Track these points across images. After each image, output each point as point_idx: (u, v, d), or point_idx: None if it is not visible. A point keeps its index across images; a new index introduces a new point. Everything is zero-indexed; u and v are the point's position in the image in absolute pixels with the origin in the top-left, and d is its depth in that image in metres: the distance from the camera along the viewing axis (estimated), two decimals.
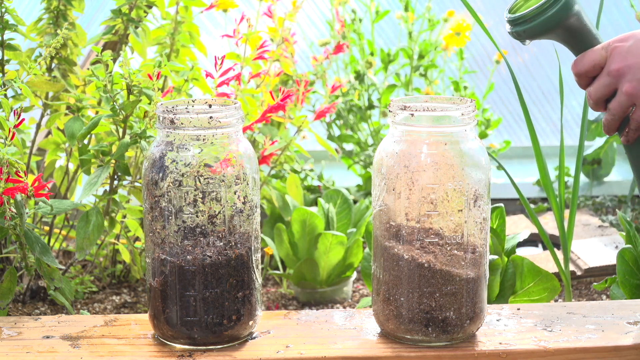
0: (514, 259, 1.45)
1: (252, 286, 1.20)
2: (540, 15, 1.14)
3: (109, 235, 1.65)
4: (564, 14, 1.14)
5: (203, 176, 1.15)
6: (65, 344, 1.20)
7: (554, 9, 1.14)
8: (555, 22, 1.14)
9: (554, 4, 1.14)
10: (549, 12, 1.14)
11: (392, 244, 1.17)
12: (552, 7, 1.14)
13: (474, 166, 1.16)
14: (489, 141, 2.65)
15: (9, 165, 1.28)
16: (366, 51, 2.49)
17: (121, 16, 1.67)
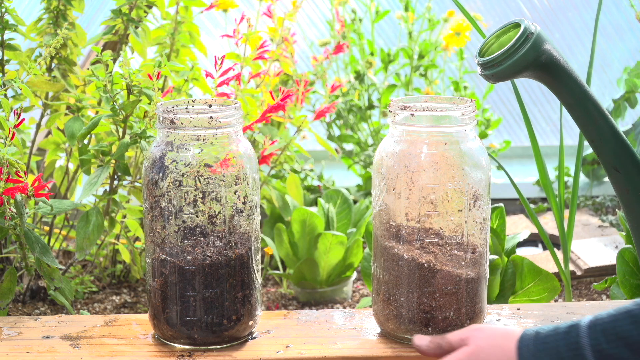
0: (514, 259, 1.45)
1: (252, 286, 1.20)
2: (508, 58, 1.11)
3: (109, 235, 1.65)
4: (532, 54, 1.11)
5: (203, 176, 1.15)
6: (65, 344, 1.20)
7: (521, 51, 1.11)
8: (524, 63, 1.11)
9: (521, 46, 1.11)
10: (516, 54, 1.11)
11: (392, 244, 1.17)
12: (520, 49, 1.11)
13: (474, 166, 1.16)
14: (489, 141, 2.65)
15: (9, 165, 1.28)
16: (366, 51, 2.49)
17: (121, 16, 1.67)
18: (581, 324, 0.99)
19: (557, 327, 1.01)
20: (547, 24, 2.77)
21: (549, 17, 2.79)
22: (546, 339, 1.01)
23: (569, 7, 2.79)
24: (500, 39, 1.16)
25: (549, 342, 1.00)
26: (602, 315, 0.99)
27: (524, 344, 1.02)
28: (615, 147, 1.16)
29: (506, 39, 1.14)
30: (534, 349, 1.01)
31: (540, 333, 1.02)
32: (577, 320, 1.01)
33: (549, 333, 1.01)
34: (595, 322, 0.98)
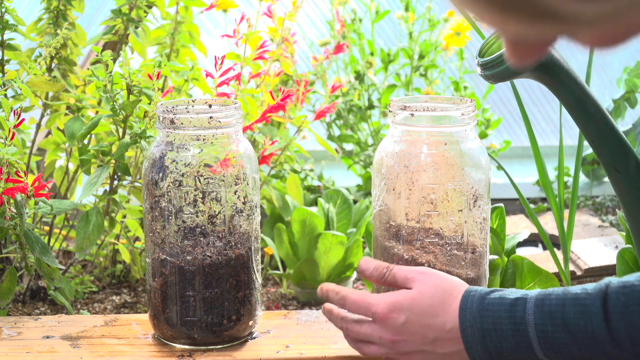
0: (514, 259, 1.45)
1: (252, 286, 1.20)
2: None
3: (109, 235, 1.65)
4: None
5: (203, 176, 1.15)
6: (65, 344, 1.20)
7: None
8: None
9: None
10: None
11: (392, 244, 1.17)
12: None
13: (474, 166, 1.16)
14: (489, 141, 2.65)
15: (9, 165, 1.28)
16: (366, 51, 2.49)
17: (121, 16, 1.67)
18: (528, 299, 0.97)
19: (503, 295, 0.99)
20: None
21: None
22: (491, 306, 0.98)
23: None
24: (500, 39, 1.16)
25: (493, 311, 0.98)
26: (549, 295, 0.97)
27: (467, 305, 1.00)
28: (615, 147, 1.16)
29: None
30: (477, 313, 0.99)
31: (485, 298, 0.99)
32: (524, 293, 0.98)
33: (495, 300, 0.99)
34: (543, 302, 0.97)
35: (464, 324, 1.00)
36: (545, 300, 0.97)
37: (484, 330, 0.99)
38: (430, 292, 1.03)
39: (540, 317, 0.96)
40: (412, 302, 1.03)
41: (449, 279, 1.05)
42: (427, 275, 1.05)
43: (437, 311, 1.02)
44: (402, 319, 1.03)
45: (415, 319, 1.02)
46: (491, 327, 0.98)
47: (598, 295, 0.95)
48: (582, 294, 0.96)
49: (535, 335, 0.96)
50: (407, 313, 1.03)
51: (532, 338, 0.97)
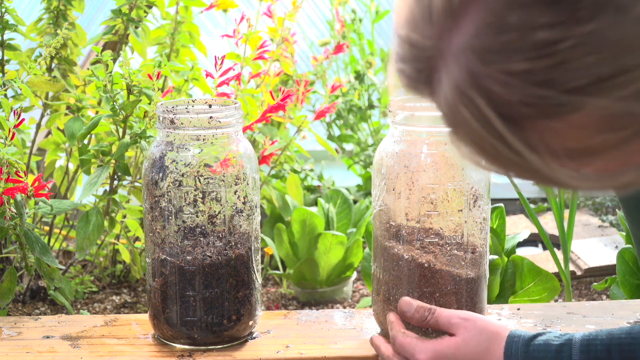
0: (514, 259, 1.45)
1: (252, 286, 1.20)
2: None
3: (109, 235, 1.65)
4: None
5: (203, 176, 1.15)
6: (65, 344, 1.20)
7: None
8: None
9: None
10: None
11: (392, 244, 1.17)
12: None
13: (474, 166, 1.16)
14: None
15: (9, 165, 1.28)
16: (366, 51, 2.48)
17: (121, 16, 1.66)
18: (573, 344, 0.97)
19: (548, 340, 0.99)
20: None
21: None
22: (536, 353, 0.98)
23: None
24: None
25: (539, 358, 0.98)
26: (594, 340, 0.97)
27: (512, 352, 1.00)
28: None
29: None
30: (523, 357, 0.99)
31: (530, 344, 0.99)
32: (568, 337, 0.98)
33: (540, 347, 0.99)
34: (588, 348, 0.97)
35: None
36: (591, 345, 0.97)
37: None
38: (474, 340, 1.03)
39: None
40: (456, 350, 1.03)
41: (492, 323, 1.05)
42: (471, 321, 1.06)
43: (482, 357, 1.02)
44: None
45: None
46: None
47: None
48: (627, 338, 0.96)
49: None
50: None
51: None
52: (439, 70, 0.60)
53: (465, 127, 0.61)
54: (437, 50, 0.60)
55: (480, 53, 0.57)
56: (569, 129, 0.58)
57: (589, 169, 0.60)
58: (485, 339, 1.03)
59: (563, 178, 0.61)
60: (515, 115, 0.58)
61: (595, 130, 0.57)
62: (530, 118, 0.58)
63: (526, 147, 0.59)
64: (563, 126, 0.58)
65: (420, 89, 0.64)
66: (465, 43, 0.58)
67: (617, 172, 0.61)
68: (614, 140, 0.58)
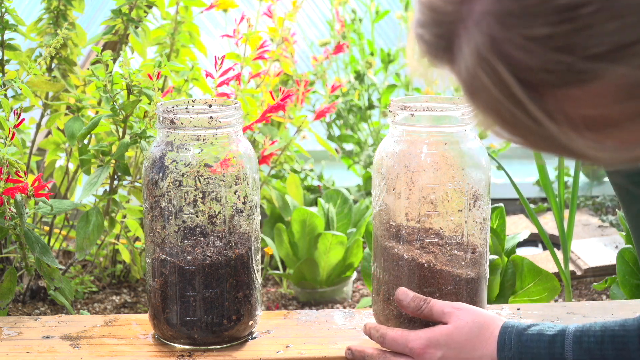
0: (514, 259, 1.45)
1: (252, 286, 1.20)
2: None
3: (109, 235, 1.65)
4: None
5: (203, 176, 1.15)
6: (65, 344, 1.20)
7: None
8: None
9: None
10: None
11: (392, 244, 1.17)
12: None
13: (474, 166, 1.16)
14: (489, 141, 2.65)
15: (9, 165, 1.28)
16: (366, 51, 2.48)
17: (121, 16, 1.66)
18: (566, 334, 0.98)
19: (542, 330, 0.99)
20: None
21: None
22: (529, 342, 0.99)
23: None
24: None
25: (532, 347, 0.99)
26: (587, 332, 0.97)
27: (505, 341, 1.00)
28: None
29: None
30: (516, 349, 0.99)
31: (523, 334, 1.00)
32: (561, 328, 0.99)
33: (533, 337, 0.99)
34: (581, 338, 0.97)
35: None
36: (584, 336, 0.97)
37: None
38: (467, 327, 1.04)
39: (579, 353, 0.97)
40: (448, 337, 1.04)
41: (484, 313, 1.06)
42: (463, 310, 1.06)
43: (474, 346, 1.02)
44: (438, 354, 1.04)
45: (451, 354, 1.03)
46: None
47: (636, 332, 0.96)
48: (620, 330, 0.96)
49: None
50: (444, 349, 1.04)
51: None
52: (460, 36, 0.60)
53: (484, 94, 0.61)
54: (458, 14, 0.60)
55: (501, 17, 0.57)
56: (588, 98, 0.57)
57: (607, 140, 0.60)
58: (478, 327, 1.04)
59: (580, 148, 0.60)
60: (535, 82, 0.58)
61: (614, 100, 0.57)
62: (549, 85, 0.58)
63: (545, 115, 0.59)
64: (582, 94, 0.57)
65: (439, 56, 0.64)
66: (486, 7, 0.58)
67: (636, 145, 0.60)
68: (633, 111, 0.58)
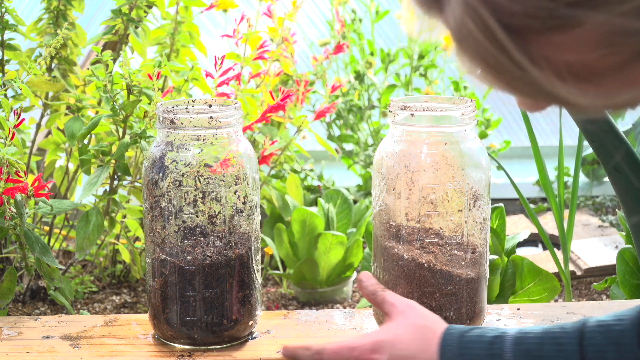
0: (514, 259, 1.45)
1: (252, 286, 1.20)
2: None
3: (109, 235, 1.65)
4: None
5: (203, 176, 1.15)
6: (65, 344, 1.20)
7: None
8: None
9: None
10: None
11: (392, 244, 1.17)
12: None
13: (474, 166, 1.16)
14: (489, 141, 2.65)
15: (9, 165, 1.28)
16: (366, 51, 2.49)
17: (121, 16, 1.67)
18: (506, 337, 0.99)
19: (483, 333, 1.00)
20: None
21: None
22: (470, 344, 1.00)
23: None
24: None
25: (472, 348, 1.00)
26: (528, 334, 0.98)
27: (447, 343, 1.01)
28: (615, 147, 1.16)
29: None
30: (457, 351, 1.00)
31: (465, 336, 1.01)
32: (502, 330, 1.00)
33: (474, 339, 1.00)
34: (521, 340, 0.98)
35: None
36: (524, 338, 0.99)
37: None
38: (410, 329, 1.05)
39: (518, 355, 0.97)
40: (393, 341, 1.05)
41: (430, 316, 1.07)
42: (411, 311, 1.07)
43: (419, 349, 1.03)
44: (384, 358, 1.04)
45: (397, 357, 1.04)
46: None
47: (575, 334, 0.97)
48: (560, 332, 0.98)
49: None
50: (389, 352, 1.04)
51: None
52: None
53: (471, 40, 0.63)
54: None
55: None
56: (570, 44, 0.60)
57: (588, 86, 0.62)
58: (422, 329, 1.05)
59: (562, 94, 0.63)
60: (519, 27, 0.60)
61: (595, 47, 0.59)
62: (533, 30, 0.60)
63: (528, 60, 0.61)
64: (564, 40, 0.60)
65: (430, 6, 0.66)
66: None
67: (616, 92, 0.62)
68: (613, 58, 0.60)
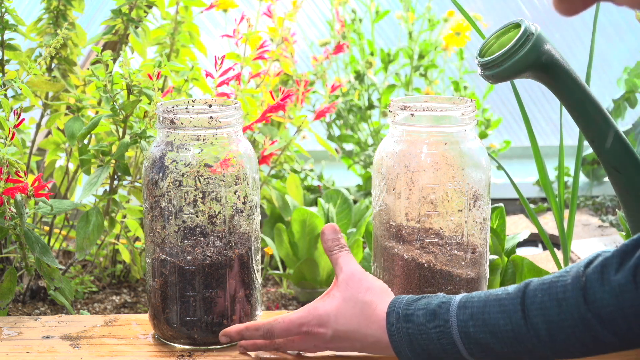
0: (514, 259, 1.45)
1: (252, 286, 1.20)
2: (509, 59, 1.11)
3: (109, 235, 1.65)
4: (533, 55, 1.10)
5: (203, 176, 1.15)
6: (65, 344, 1.20)
7: (522, 52, 1.10)
8: (524, 64, 1.11)
9: (522, 47, 1.10)
10: (517, 55, 1.10)
11: (392, 244, 1.17)
12: (521, 50, 1.10)
13: (474, 166, 1.16)
14: (489, 141, 2.65)
15: (9, 165, 1.28)
16: (366, 51, 2.48)
17: (121, 16, 1.67)
18: (452, 302, 1.01)
19: (429, 300, 1.03)
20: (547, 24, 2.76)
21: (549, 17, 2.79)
22: (416, 311, 1.02)
23: None
24: (501, 39, 1.16)
25: (418, 315, 1.02)
26: (472, 298, 1.00)
27: (393, 311, 1.04)
28: (615, 147, 1.16)
29: (506, 40, 1.14)
30: (403, 318, 1.02)
31: (412, 304, 1.03)
32: (449, 297, 1.02)
33: (420, 305, 1.03)
34: (465, 304, 1.00)
35: (391, 329, 1.03)
36: (468, 302, 1.01)
37: (410, 335, 1.02)
38: (351, 304, 1.08)
39: (463, 318, 1.00)
40: (336, 315, 1.08)
41: (374, 288, 1.09)
42: (354, 281, 1.10)
43: (359, 324, 1.06)
44: (329, 332, 1.08)
45: (342, 330, 1.08)
46: (417, 331, 1.02)
47: (517, 294, 0.99)
48: (503, 294, 1.00)
49: (459, 337, 1.00)
50: (333, 327, 1.08)
51: (456, 339, 1.00)
52: None
53: None
54: None
55: None
56: None
57: None
58: (367, 301, 1.07)
59: None
60: None
61: None
62: None
63: None
64: None
65: None
66: None
67: None
68: None
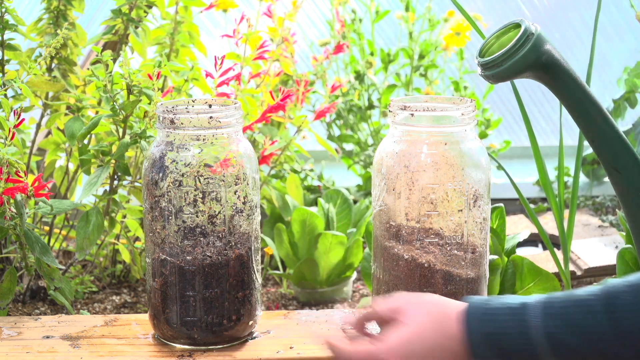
0: (514, 259, 1.45)
1: (252, 286, 1.20)
2: (509, 59, 1.10)
3: (109, 235, 1.65)
4: (533, 55, 1.10)
5: (203, 176, 1.15)
6: (65, 344, 1.21)
7: (522, 52, 1.10)
8: (525, 64, 1.11)
9: (522, 47, 1.10)
10: (517, 55, 1.10)
11: (392, 244, 1.17)
12: (521, 50, 1.10)
13: (474, 166, 1.16)
14: (489, 141, 2.65)
15: (9, 165, 1.28)
16: (366, 51, 2.48)
17: (121, 16, 1.67)
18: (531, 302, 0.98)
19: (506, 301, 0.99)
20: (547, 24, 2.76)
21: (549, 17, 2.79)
22: (495, 311, 0.98)
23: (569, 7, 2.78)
24: (501, 39, 1.16)
25: (497, 314, 0.98)
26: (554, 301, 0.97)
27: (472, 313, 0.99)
28: (615, 147, 1.16)
29: (506, 40, 1.14)
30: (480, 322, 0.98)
31: (489, 304, 0.99)
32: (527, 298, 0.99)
33: (498, 305, 0.99)
34: (546, 306, 0.97)
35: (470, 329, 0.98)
36: (548, 304, 0.97)
37: (488, 334, 0.97)
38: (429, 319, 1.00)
39: (547, 319, 0.96)
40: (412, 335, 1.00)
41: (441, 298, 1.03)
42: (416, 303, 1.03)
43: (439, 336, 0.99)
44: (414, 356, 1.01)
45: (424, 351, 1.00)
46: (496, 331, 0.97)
47: (602, 295, 0.96)
48: (585, 295, 0.96)
49: (546, 339, 0.96)
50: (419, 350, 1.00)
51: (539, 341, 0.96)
52: None
53: None
54: None
55: None
56: None
57: None
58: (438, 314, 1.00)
59: None
60: None
61: None
62: None
63: None
64: None
65: None
66: None
67: None
68: None
